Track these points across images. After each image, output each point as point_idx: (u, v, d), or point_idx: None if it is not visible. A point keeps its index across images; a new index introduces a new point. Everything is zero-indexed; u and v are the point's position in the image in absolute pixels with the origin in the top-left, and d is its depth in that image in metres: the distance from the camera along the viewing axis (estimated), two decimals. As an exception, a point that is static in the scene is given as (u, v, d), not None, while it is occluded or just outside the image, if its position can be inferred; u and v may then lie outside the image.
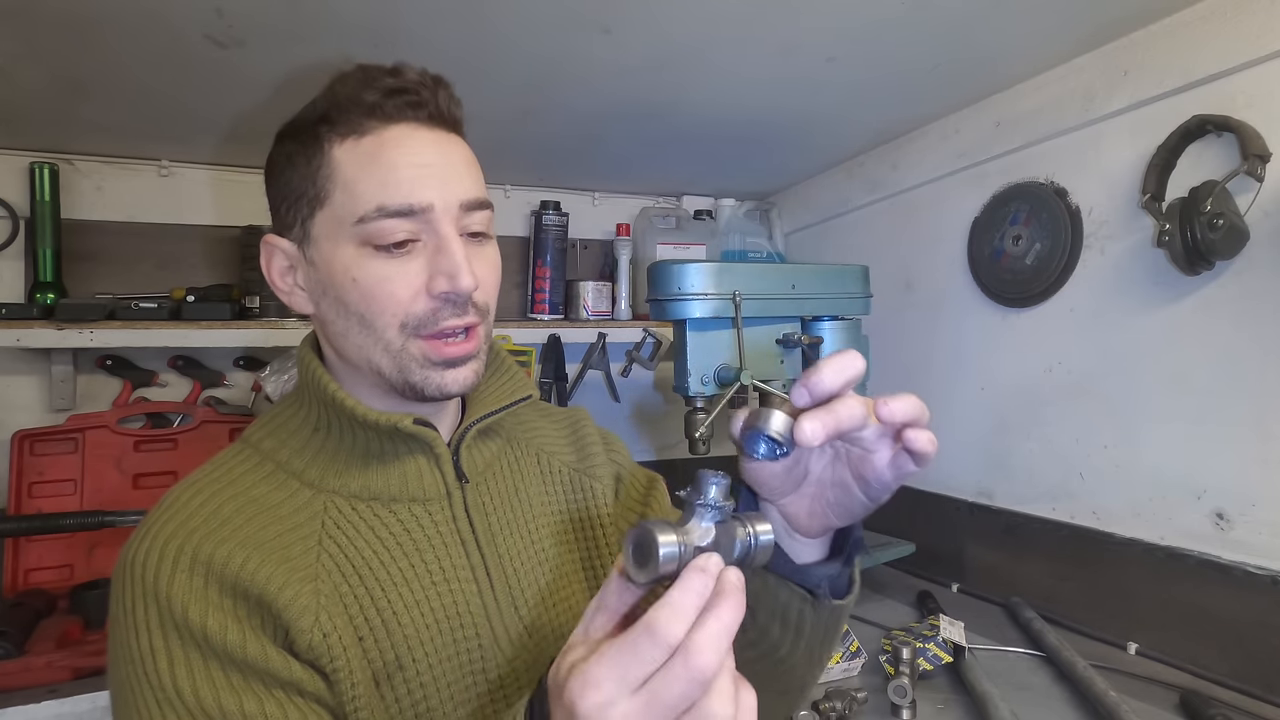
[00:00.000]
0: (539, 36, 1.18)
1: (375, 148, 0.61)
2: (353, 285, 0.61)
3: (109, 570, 1.48)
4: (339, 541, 0.63)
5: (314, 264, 0.64)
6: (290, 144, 0.64)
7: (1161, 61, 1.21)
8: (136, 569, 0.57)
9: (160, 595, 0.56)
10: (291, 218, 0.64)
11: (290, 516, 0.63)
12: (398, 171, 0.61)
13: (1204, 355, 1.19)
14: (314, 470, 0.65)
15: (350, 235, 0.61)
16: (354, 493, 0.65)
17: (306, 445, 0.66)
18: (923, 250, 1.73)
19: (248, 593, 0.57)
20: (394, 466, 0.66)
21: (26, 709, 1.11)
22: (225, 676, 0.55)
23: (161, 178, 1.71)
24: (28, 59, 1.18)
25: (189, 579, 0.56)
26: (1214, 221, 1.07)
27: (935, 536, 1.66)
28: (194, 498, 0.62)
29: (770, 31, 1.18)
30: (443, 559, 0.66)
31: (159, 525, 0.59)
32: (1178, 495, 1.22)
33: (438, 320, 0.62)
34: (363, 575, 0.62)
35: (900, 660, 1.10)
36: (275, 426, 0.68)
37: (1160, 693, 1.13)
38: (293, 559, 0.60)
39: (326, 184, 0.62)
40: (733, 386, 1.29)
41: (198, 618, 0.55)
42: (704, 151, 1.78)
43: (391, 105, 0.62)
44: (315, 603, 0.59)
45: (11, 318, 1.39)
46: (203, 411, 1.66)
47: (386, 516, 0.65)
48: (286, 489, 0.64)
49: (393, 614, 0.62)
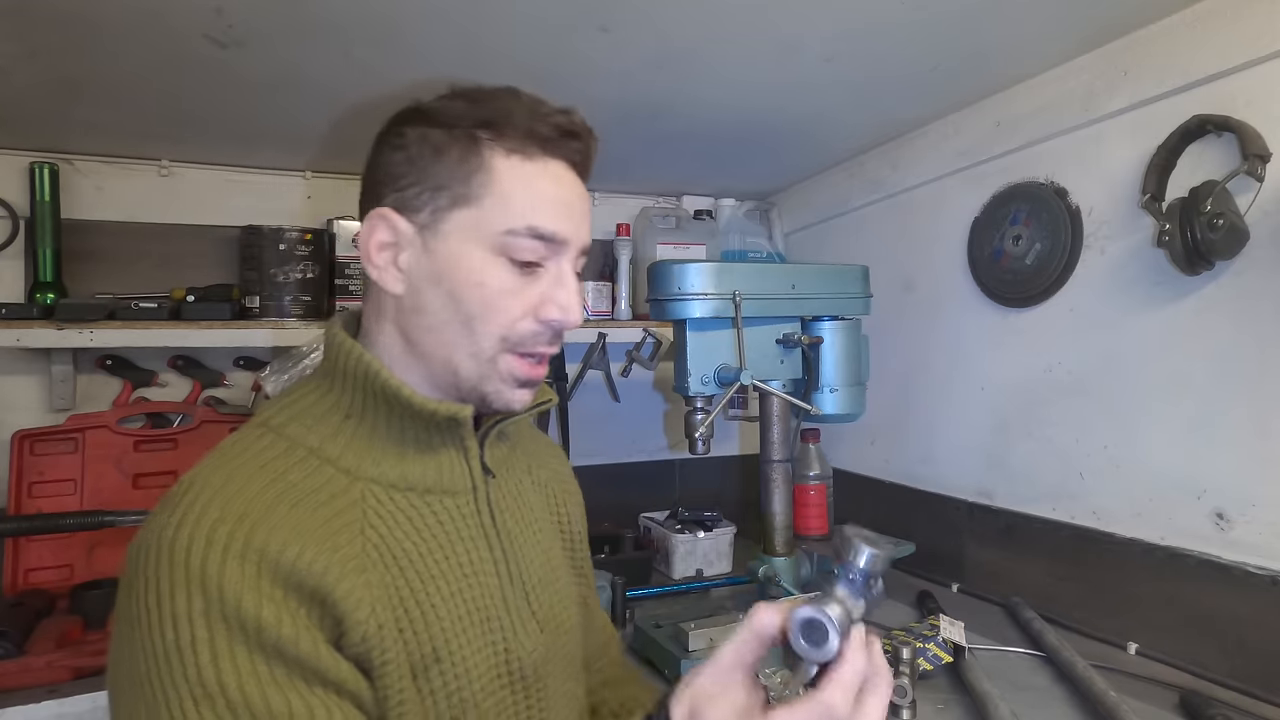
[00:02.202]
0: (538, 36, 1.18)
1: (537, 173, 0.65)
2: (476, 288, 0.64)
3: (109, 570, 1.50)
4: (380, 531, 0.62)
5: (432, 253, 0.65)
6: (438, 134, 0.65)
7: (1161, 61, 1.21)
8: (178, 554, 0.54)
9: (209, 584, 0.53)
10: (422, 203, 0.65)
11: (329, 503, 0.61)
12: (552, 201, 0.65)
13: (1204, 355, 1.18)
14: (348, 457, 0.64)
15: (490, 242, 0.64)
16: (391, 481, 0.65)
17: (338, 432, 0.65)
18: (922, 250, 1.73)
19: (302, 584, 0.56)
20: (428, 457, 0.67)
21: (26, 709, 1.11)
22: (270, 671, 0.53)
23: (161, 178, 1.71)
24: (27, 59, 1.18)
25: (241, 567, 0.54)
26: (1214, 221, 1.07)
27: (935, 536, 1.66)
28: (228, 483, 0.59)
29: (770, 31, 1.18)
30: (471, 552, 0.68)
31: (198, 510, 0.56)
32: (1178, 495, 1.22)
33: (535, 343, 0.66)
34: (403, 566, 0.62)
35: (900, 660, 1.10)
36: (298, 411, 0.66)
37: (1160, 693, 1.13)
38: (341, 548, 0.59)
39: (480, 188, 0.64)
40: (733, 386, 1.29)
41: (252, 609, 0.53)
42: (704, 151, 1.78)
43: (560, 143, 0.67)
44: (368, 594, 0.59)
45: (11, 318, 1.39)
46: (203, 411, 1.66)
47: (421, 507, 0.66)
48: (321, 475, 0.62)
49: (431, 606, 0.63)
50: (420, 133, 0.66)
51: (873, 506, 1.84)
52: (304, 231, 1.65)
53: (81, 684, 1.17)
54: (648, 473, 2.15)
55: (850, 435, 1.92)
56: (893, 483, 1.82)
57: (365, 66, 1.25)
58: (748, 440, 2.25)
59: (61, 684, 1.17)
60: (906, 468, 1.78)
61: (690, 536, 1.79)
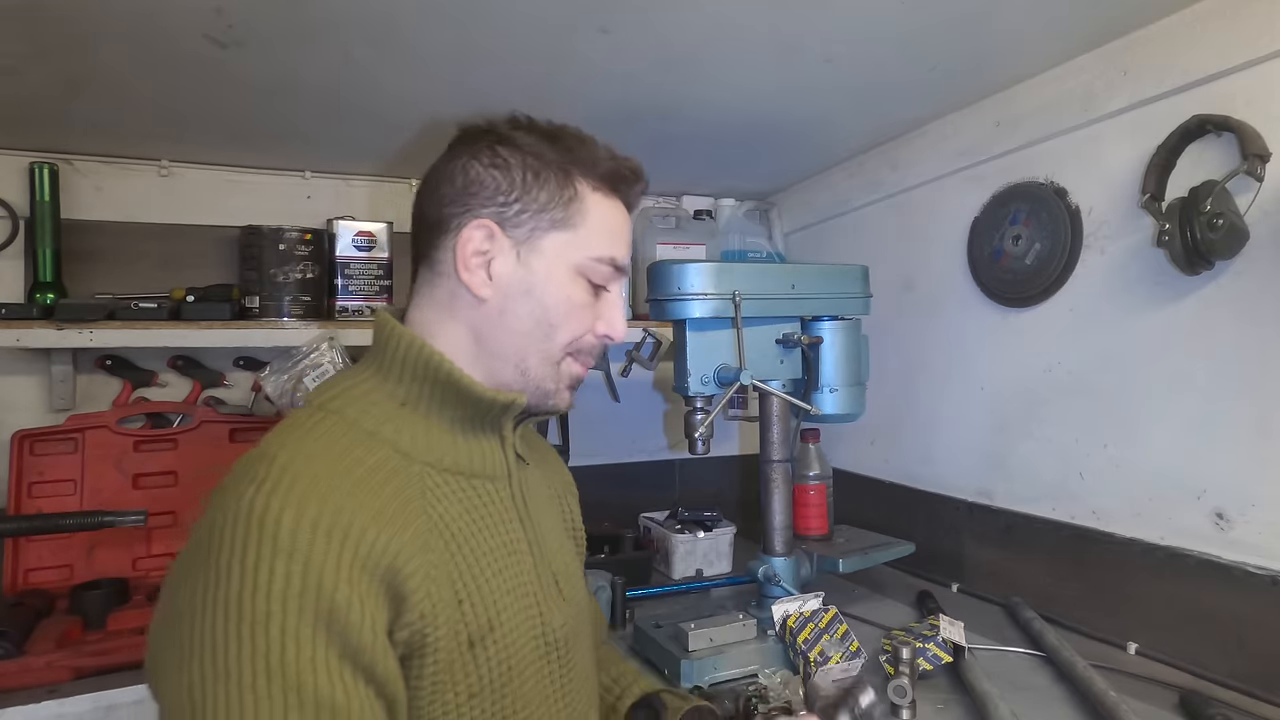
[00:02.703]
0: (537, 38, 1.18)
1: (613, 211, 0.78)
2: (564, 300, 0.74)
3: (109, 570, 1.51)
4: (439, 511, 0.67)
5: (527, 266, 0.73)
6: (537, 163, 0.74)
7: (1161, 61, 1.21)
8: (268, 525, 0.55)
9: (296, 557, 0.54)
10: (523, 220, 0.73)
11: (392, 482, 0.64)
12: (622, 237, 0.78)
13: (1204, 355, 1.18)
14: (404, 440, 0.68)
15: (577, 263, 0.74)
16: (445, 465, 0.70)
17: (393, 417, 0.69)
18: (922, 250, 1.73)
19: (377, 565, 0.58)
20: (474, 443, 0.73)
21: (26, 709, 1.11)
22: (327, 657, 0.54)
23: (161, 178, 1.71)
24: (27, 59, 1.18)
25: (328, 543, 0.56)
26: (1214, 221, 1.07)
27: (935, 536, 1.66)
28: (310, 459, 0.61)
29: (769, 32, 1.18)
30: (510, 532, 0.73)
31: (286, 482, 0.57)
32: (1177, 495, 1.22)
33: (590, 353, 0.78)
34: (460, 544, 0.67)
35: (900, 660, 1.10)
36: (353, 397, 0.70)
37: (1160, 692, 1.13)
38: (410, 527, 0.63)
39: (577, 216, 0.74)
40: (732, 386, 1.29)
41: (329, 588, 0.55)
42: (704, 152, 1.78)
43: (628, 188, 0.79)
44: (426, 572, 0.62)
45: (11, 318, 1.39)
46: (202, 411, 1.66)
47: (468, 489, 0.71)
48: (382, 455, 0.65)
49: (485, 580, 0.68)
50: (520, 158, 0.74)
51: (872, 506, 1.84)
52: (304, 231, 1.65)
53: (81, 684, 1.17)
54: (648, 473, 2.15)
55: (850, 435, 1.92)
56: (892, 483, 1.82)
57: (365, 67, 1.25)
58: (747, 440, 2.25)
59: (61, 684, 1.17)
60: (906, 468, 1.78)
61: (690, 536, 1.79)
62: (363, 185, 1.89)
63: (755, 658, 1.23)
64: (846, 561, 1.48)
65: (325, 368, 1.54)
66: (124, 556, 1.55)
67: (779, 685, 1.12)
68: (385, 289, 1.73)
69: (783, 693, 1.11)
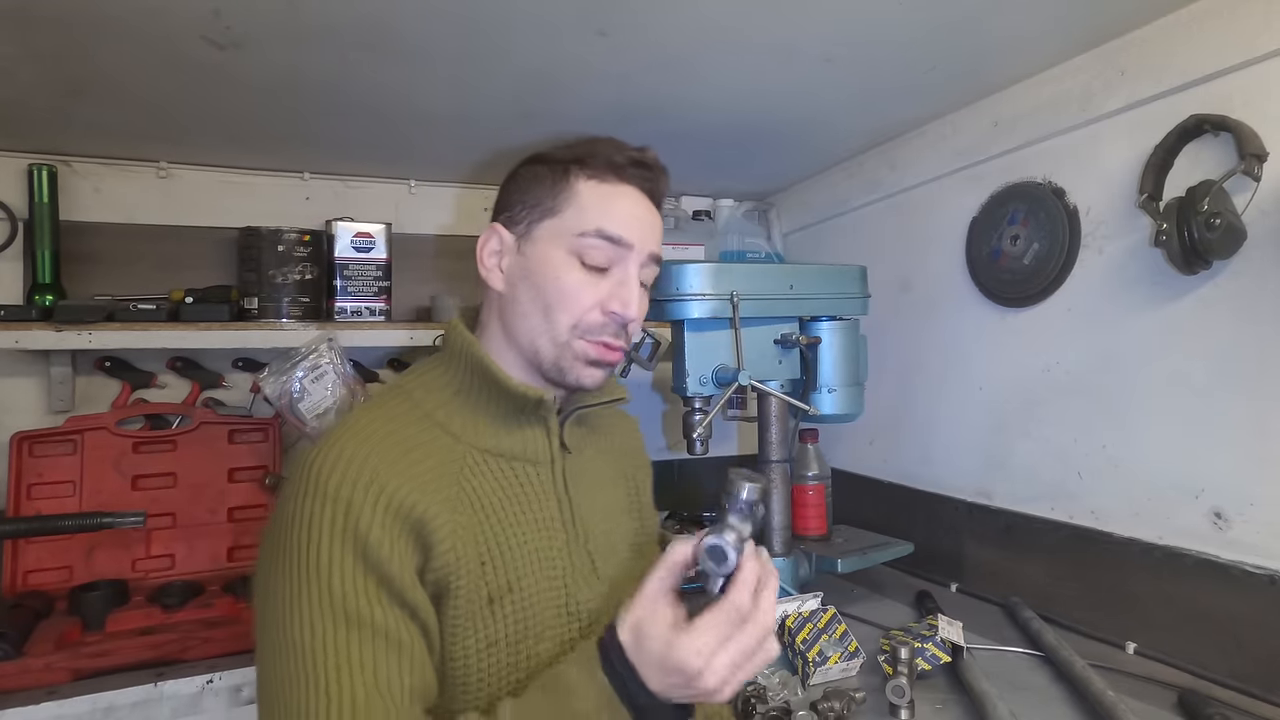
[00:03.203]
0: (536, 39, 1.18)
1: (610, 192, 0.81)
2: (554, 281, 0.79)
3: (108, 572, 1.51)
4: (473, 484, 0.77)
5: (526, 256, 0.81)
6: (541, 168, 0.83)
7: (1159, 61, 1.21)
8: (324, 479, 0.69)
9: (339, 502, 0.68)
10: (521, 217, 0.82)
11: (437, 456, 0.76)
12: (620, 212, 0.80)
13: (1202, 354, 1.19)
14: (455, 424, 0.80)
15: (568, 244, 0.79)
16: (486, 448, 0.80)
17: (449, 402, 0.81)
18: (921, 250, 1.73)
19: (408, 515, 0.70)
20: (518, 432, 0.82)
21: (25, 710, 1.11)
22: (366, 582, 0.67)
23: (160, 179, 1.71)
24: (26, 60, 1.18)
25: (365, 494, 0.69)
26: (1211, 221, 1.07)
27: (934, 536, 1.66)
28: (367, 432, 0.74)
29: (768, 32, 1.18)
30: (544, 509, 0.82)
31: (338, 449, 0.71)
32: (1176, 495, 1.22)
33: (602, 333, 0.80)
34: (488, 513, 0.77)
35: (898, 660, 1.10)
36: (425, 381, 0.83)
37: (1158, 692, 1.13)
38: (441, 491, 0.74)
39: (564, 203, 0.80)
40: (731, 387, 1.29)
41: (365, 526, 0.68)
42: (702, 152, 1.78)
43: (632, 171, 0.82)
44: (454, 531, 0.73)
45: (10, 319, 1.39)
46: (201, 413, 1.66)
47: (507, 470, 0.81)
48: (433, 434, 0.78)
49: (508, 546, 0.77)
50: (528, 169, 0.84)
51: (871, 506, 1.84)
52: (302, 233, 1.65)
53: (80, 685, 1.17)
54: (647, 473, 2.15)
55: (848, 435, 1.92)
56: (891, 483, 1.82)
57: (363, 69, 1.25)
58: (746, 440, 2.25)
59: (60, 685, 1.17)
60: (905, 468, 1.78)
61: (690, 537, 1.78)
62: (361, 186, 1.89)
63: (754, 658, 1.23)
64: (845, 561, 1.48)
65: (324, 369, 1.54)
66: (123, 558, 1.55)
67: (778, 685, 1.12)
68: (384, 290, 1.73)
69: (781, 693, 1.11)
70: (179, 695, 1.19)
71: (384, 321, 1.71)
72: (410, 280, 1.86)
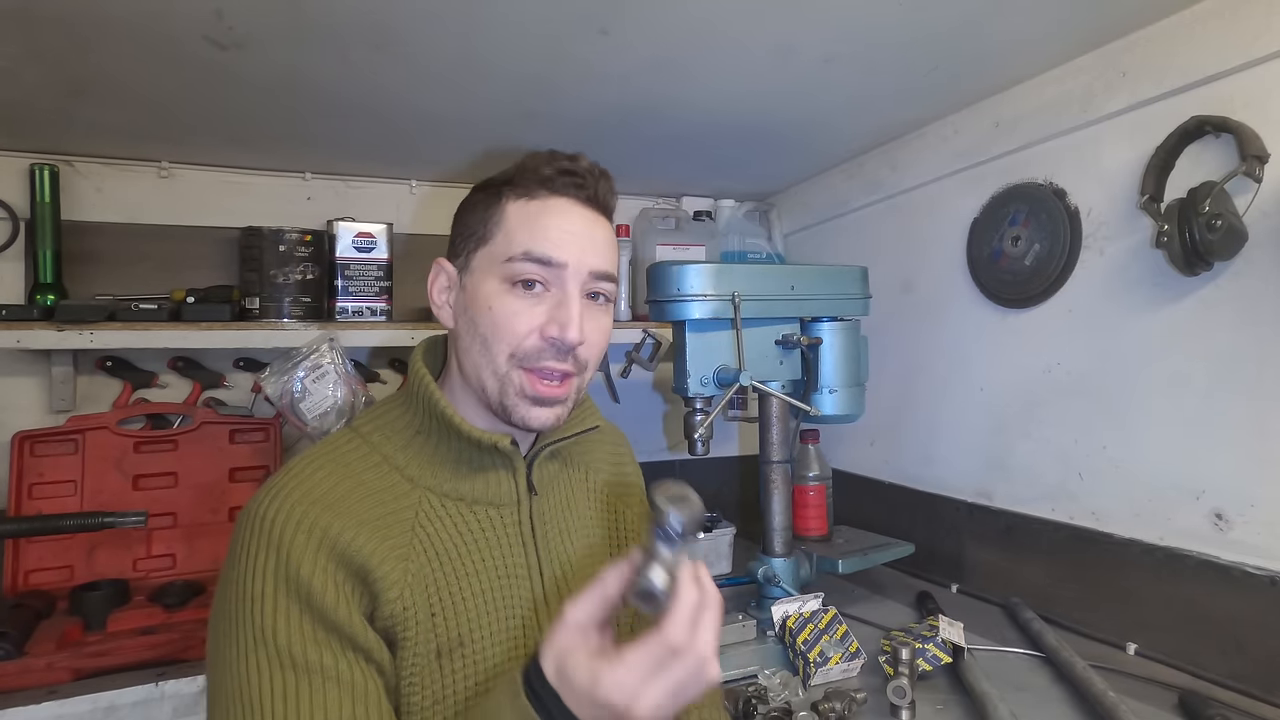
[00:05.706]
0: (537, 39, 1.18)
1: (539, 210, 0.76)
2: (487, 312, 0.75)
3: (109, 571, 1.51)
4: (428, 531, 0.74)
5: (465, 288, 0.78)
6: (478, 195, 0.80)
7: (1160, 62, 1.21)
8: (264, 523, 0.68)
9: (282, 548, 0.66)
10: (460, 249, 0.79)
11: (391, 502, 0.73)
12: (549, 230, 0.75)
13: (1203, 356, 1.19)
14: (413, 467, 0.76)
15: (498, 271, 0.75)
16: (445, 492, 0.77)
17: (409, 445, 0.77)
18: (922, 251, 1.73)
19: (351, 562, 0.68)
20: (480, 475, 0.78)
21: (26, 710, 1.11)
22: (313, 630, 0.65)
23: (161, 179, 1.71)
24: (28, 60, 1.18)
25: (306, 539, 0.67)
26: (1212, 222, 1.07)
27: (934, 537, 1.66)
28: (316, 472, 0.72)
29: (769, 32, 1.18)
30: (507, 556, 0.78)
31: (287, 491, 0.70)
32: (1176, 495, 1.22)
33: (540, 358, 0.75)
34: (443, 561, 0.74)
35: (899, 661, 1.10)
36: (382, 423, 0.79)
37: (1159, 693, 1.13)
38: (391, 539, 0.71)
39: (494, 228, 0.76)
40: (732, 387, 1.29)
41: (306, 574, 0.66)
42: (703, 152, 1.78)
43: (561, 182, 0.76)
44: (403, 579, 0.70)
45: (12, 319, 1.39)
46: (202, 413, 1.66)
47: (468, 515, 0.77)
48: (389, 479, 0.75)
49: (462, 599, 0.74)
50: (469, 199, 0.81)
51: (872, 507, 1.84)
52: (304, 233, 1.65)
53: (81, 685, 1.17)
54: (647, 473, 2.12)
55: (849, 436, 1.92)
56: (892, 483, 1.82)
57: (364, 69, 1.25)
58: (747, 441, 2.26)
59: (61, 685, 1.17)
60: (906, 468, 1.78)
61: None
62: (362, 186, 1.89)
63: (755, 658, 1.23)
64: (846, 562, 1.48)
65: (325, 369, 1.54)
66: (124, 557, 1.56)
67: (778, 686, 1.12)
68: (385, 290, 1.73)
69: (782, 693, 1.11)
70: (180, 695, 1.19)
71: (385, 321, 1.72)
72: (411, 280, 1.86)
